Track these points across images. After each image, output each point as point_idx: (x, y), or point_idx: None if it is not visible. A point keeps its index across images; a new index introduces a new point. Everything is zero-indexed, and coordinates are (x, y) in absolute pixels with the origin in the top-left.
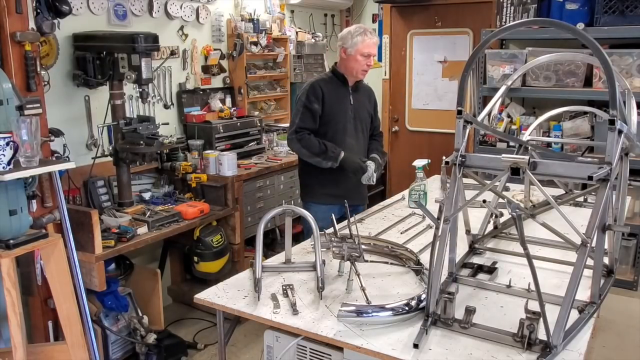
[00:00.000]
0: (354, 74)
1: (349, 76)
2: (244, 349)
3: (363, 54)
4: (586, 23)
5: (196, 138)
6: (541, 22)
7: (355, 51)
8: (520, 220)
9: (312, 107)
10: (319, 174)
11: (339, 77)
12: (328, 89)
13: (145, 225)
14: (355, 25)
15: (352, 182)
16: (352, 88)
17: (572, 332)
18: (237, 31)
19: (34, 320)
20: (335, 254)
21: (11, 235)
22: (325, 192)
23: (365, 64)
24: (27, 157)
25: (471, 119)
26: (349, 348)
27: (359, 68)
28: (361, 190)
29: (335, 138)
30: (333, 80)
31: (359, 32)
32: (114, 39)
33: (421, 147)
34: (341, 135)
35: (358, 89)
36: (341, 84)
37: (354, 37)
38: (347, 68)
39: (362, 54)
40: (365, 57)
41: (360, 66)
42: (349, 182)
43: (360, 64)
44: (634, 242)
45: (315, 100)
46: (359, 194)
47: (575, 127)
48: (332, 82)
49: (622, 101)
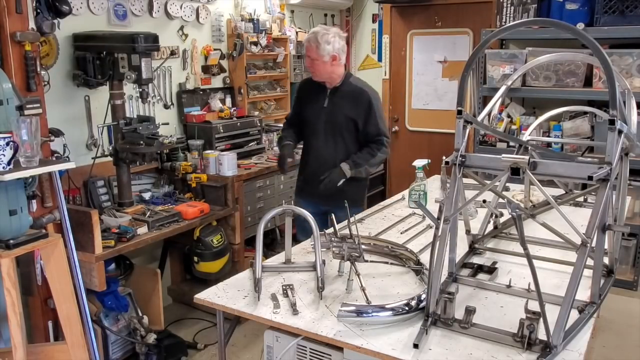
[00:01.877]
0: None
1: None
2: (244, 349)
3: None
4: (586, 23)
5: (196, 138)
6: (541, 22)
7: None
8: (520, 220)
9: (295, 103)
10: (300, 168)
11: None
12: (307, 89)
13: (145, 225)
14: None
15: (318, 182)
16: (330, 90)
17: (572, 332)
18: (237, 31)
19: (34, 320)
20: (335, 254)
21: (11, 235)
22: (298, 185)
23: (307, 63)
24: (27, 157)
25: (471, 119)
26: (349, 348)
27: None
28: (337, 191)
29: (308, 139)
30: (315, 82)
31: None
32: (114, 39)
33: (421, 147)
34: (310, 137)
35: (339, 92)
36: (320, 85)
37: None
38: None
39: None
40: (305, 58)
41: (306, 64)
42: (316, 183)
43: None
44: (634, 242)
45: (297, 98)
46: (328, 198)
47: (575, 127)
48: (314, 83)
49: (622, 101)
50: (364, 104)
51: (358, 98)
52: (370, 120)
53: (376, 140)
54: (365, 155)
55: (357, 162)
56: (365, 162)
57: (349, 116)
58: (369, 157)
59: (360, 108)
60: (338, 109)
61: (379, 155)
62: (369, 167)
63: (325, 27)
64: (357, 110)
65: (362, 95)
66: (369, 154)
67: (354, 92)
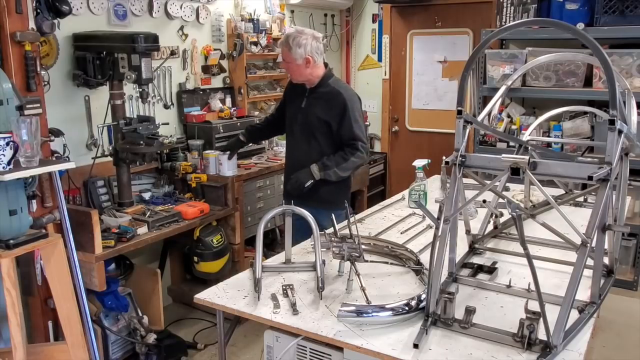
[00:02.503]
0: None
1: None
2: (244, 349)
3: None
4: (586, 23)
5: (196, 138)
6: (541, 22)
7: None
8: (520, 220)
9: (280, 102)
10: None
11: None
12: (291, 89)
13: (145, 225)
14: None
15: (294, 180)
16: (309, 91)
17: (572, 332)
18: (237, 31)
19: (34, 320)
20: (335, 254)
21: (11, 235)
22: (284, 188)
23: (282, 65)
24: (27, 157)
25: (471, 119)
26: (349, 348)
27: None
28: (317, 192)
29: (287, 139)
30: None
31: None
32: (114, 39)
33: (421, 147)
34: (288, 137)
35: (315, 93)
36: (302, 86)
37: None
38: None
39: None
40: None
41: (282, 66)
42: (293, 179)
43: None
44: (634, 242)
45: (283, 97)
46: (313, 195)
47: (575, 127)
48: (298, 84)
49: (622, 101)
50: (339, 106)
51: (333, 100)
52: (344, 124)
53: (350, 144)
54: (337, 158)
55: (327, 164)
56: (335, 166)
57: (322, 118)
58: (340, 160)
59: (334, 110)
60: (312, 110)
61: (352, 160)
62: (339, 170)
63: (299, 29)
64: (331, 112)
65: (337, 97)
66: (341, 157)
67: (330, 93)
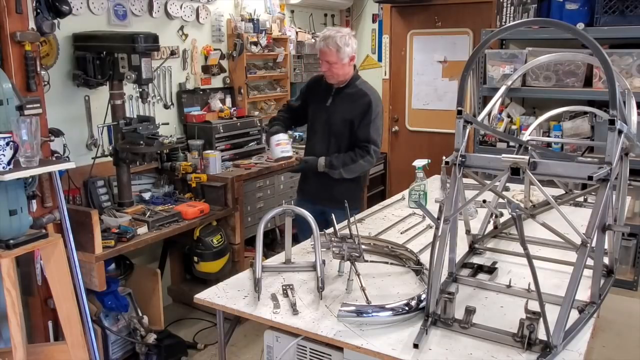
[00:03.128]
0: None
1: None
2: (244, 349)
3: (319, 57)
4: (586, 23)
5: (196, 138)
6: (541, 22)
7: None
8: (520, 220)
9: (300, 96)
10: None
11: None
12: (314, 86)
13: (145, 225)
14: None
15: (314, 180)
16: (336, 90)
17: (572, 332)
18: (237, 31)
19: (34, 320)
20: (335, 254)
21: (11, 235)
22: (299, 186)
23: (322, 69)
24: (27, 157)
25: (471, 119)
26: (349, 348)
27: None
28: (330, 191)
29: (309, 136)
30: (323, 80)
31: (319, 38)
32: (114, 39)
33: (421, 147)
34: (311, 134)
35: (343, 93)
36: (326, 84)
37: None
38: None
39: (319, 57)
40: (320, 62)
41: (323, 69)
42: (315, 178)
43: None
44: (634, 242)
45: (303, 93)
46: (326, 194)
47: (575, 127)
48: (321, 82)
49: (622, 101)
50: (363, 106)
51: (359, 100)
52: (363, 123)
53: (363, 146)
54: (345, 158)
55: (333, 163)
56: (341, 166)
57: (347, 117)
58: (348, 161)
59: (358, 110)
60: (339, 109)
61: (361, 162)
62: (344, 172)
63: (337, 29)
64: (355, 111)
65: (364, 97)
66: (350, 158)
67: (357, 94)
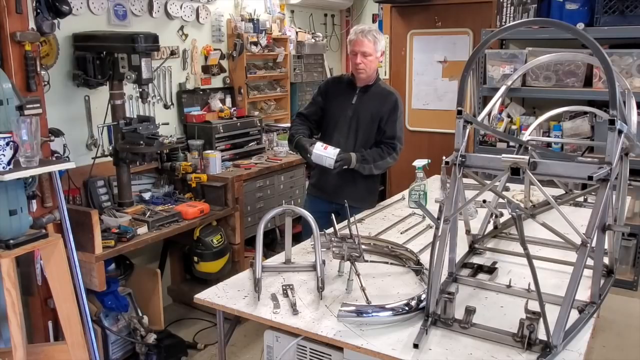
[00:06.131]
0: (353, 72)
1: (355, 75)
2: (244, 349)
3: (351, 51)
4: (586, 23)
5: (196, 138)
6: (541, 22)
7: (349, 49)
8: (520, 220)
9: (316, 99)
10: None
11: (350, 77)
12: (334, 86)
13: (145, 225)
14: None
15: (333, 177)
16: (361, 89)
17: (572, 332)
18: (237, 31)
19: (34, 320)
20: (335, 254)
21: (11, 235)
22: (311, 183)
23: (355, 62)
24: (27, 157)
25: (471, 119)
26: (349, 348)
27: (353, 66)
28: (352, 188)
29: (326, 131)
30: (344, 79)
31: (353, 32)
32: (114, 39)
33: (421, 147)
34: (331, 130)
35: (370, 91)
36: (349, 83)
37: (350, 36)
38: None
39: (351, 51)
40: (354, 55)
41: (353, 64)
42: (330, 175)
43: (351, 62)
44: (634, 242)
45: (320, 94)
46: (340, 191)
47: (575, 127)
48: (343, 81)
49: (622, 101)
50: (390, 103)
51: (386, 98)
52: (390, 120)
53: (389, 143)
54: (375, 154)
55: (366, 158)
56: (373, 162)
57: (375, 114)
58: (378, 157)
59: (386, 106)
60: (366, 106)
61: (388, 159)
62: (374, 168)
63: (364, 25)
64: (383, 108)
65: (390, 96)
66: (378, 154)
67: (383, 92)
